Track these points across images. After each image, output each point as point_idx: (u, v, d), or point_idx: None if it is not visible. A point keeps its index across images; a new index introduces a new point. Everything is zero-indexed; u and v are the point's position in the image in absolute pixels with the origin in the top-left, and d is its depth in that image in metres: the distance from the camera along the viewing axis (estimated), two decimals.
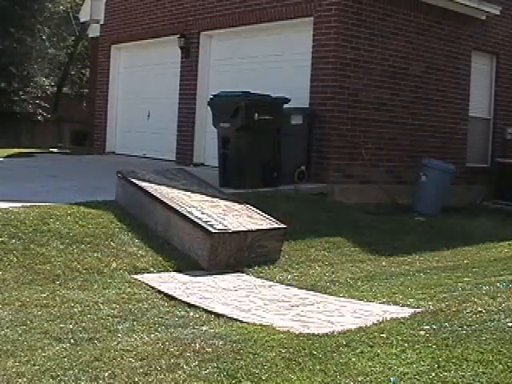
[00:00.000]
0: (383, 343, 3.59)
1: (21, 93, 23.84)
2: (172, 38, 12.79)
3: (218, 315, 4.72)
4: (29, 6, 23.56)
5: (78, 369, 3.50)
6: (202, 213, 6.75)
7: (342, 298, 5.30)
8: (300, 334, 4.04)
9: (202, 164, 12.18)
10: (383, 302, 5.03)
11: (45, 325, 4.39)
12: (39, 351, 3.87)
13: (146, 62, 14.17)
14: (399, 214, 9.65)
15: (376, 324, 4.09)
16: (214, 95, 9.62)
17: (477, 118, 12.57)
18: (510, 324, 3.71)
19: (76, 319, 4.54)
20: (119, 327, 4.39)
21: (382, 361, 3.32)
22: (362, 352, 3.49)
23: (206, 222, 6.50)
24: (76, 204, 7.31)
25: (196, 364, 3.48)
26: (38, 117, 24.19)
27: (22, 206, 6.95)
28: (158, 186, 7.38)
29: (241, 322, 4.48)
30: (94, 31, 16.35)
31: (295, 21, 10.57)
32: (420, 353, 3.38)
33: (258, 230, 6.73)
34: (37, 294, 5.10)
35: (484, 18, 12.11)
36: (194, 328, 4.32)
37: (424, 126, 11.23)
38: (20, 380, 3.41)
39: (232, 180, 9.08)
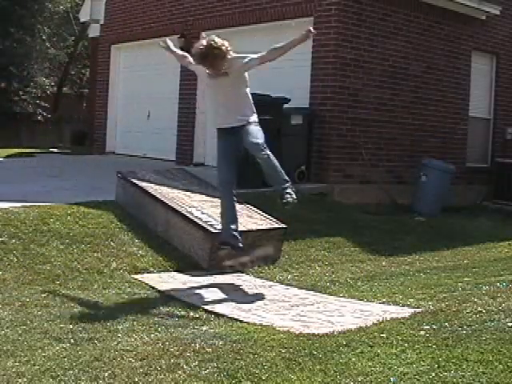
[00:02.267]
0: (383, 343, 3.59)
1: (21, 93, 23.81)
2: (172, 38, 12.74)
3: (218, 315, 4.72)
4: (29, 6, 23.56)
5: (78, 369, 3.50)
6: (202, 213, 6.75)
7: (342, 298, 5.30)
8: (300, 333, 4.04)
9: (202, 164, 12.17)
10: (383, 302, 5.03)
11: (45, 325, 4.39)
12: (39, 351, 3.87)
13: (146, 62, 14.15)
14: (399, 214, 9.65)
15: (376, 324, 4.09)
16: None
17: (477, 118, 12.56)
18: (510, 324, 3.70)
19: (76, 319, 4.55)
20: (119, 327, 4.39)
21: (382, 361, 3.32)
22: (362, 352, 3.49)
23: (206, 222, 6.50)
24: (76, 204, 7.31)
25: (196, 364, 3.48)
26: (38, 117, 24.18)
27: (22, 206, 6.95)
28: (158, 186, 7.38)
29: (241, 321, 4.48)
30: (94, 31, 16.34)
31: (295, 21, 10.55)
32: (420, 353, 3.37)
33: (259, 229, 6.73)
34: (37, 294, 5.10)
35: (484, 18, 12.10)
36: (194, 328, 4.32)
37: (424, 126, 11.23)
38: (20, 380, 3.41)
39: None
